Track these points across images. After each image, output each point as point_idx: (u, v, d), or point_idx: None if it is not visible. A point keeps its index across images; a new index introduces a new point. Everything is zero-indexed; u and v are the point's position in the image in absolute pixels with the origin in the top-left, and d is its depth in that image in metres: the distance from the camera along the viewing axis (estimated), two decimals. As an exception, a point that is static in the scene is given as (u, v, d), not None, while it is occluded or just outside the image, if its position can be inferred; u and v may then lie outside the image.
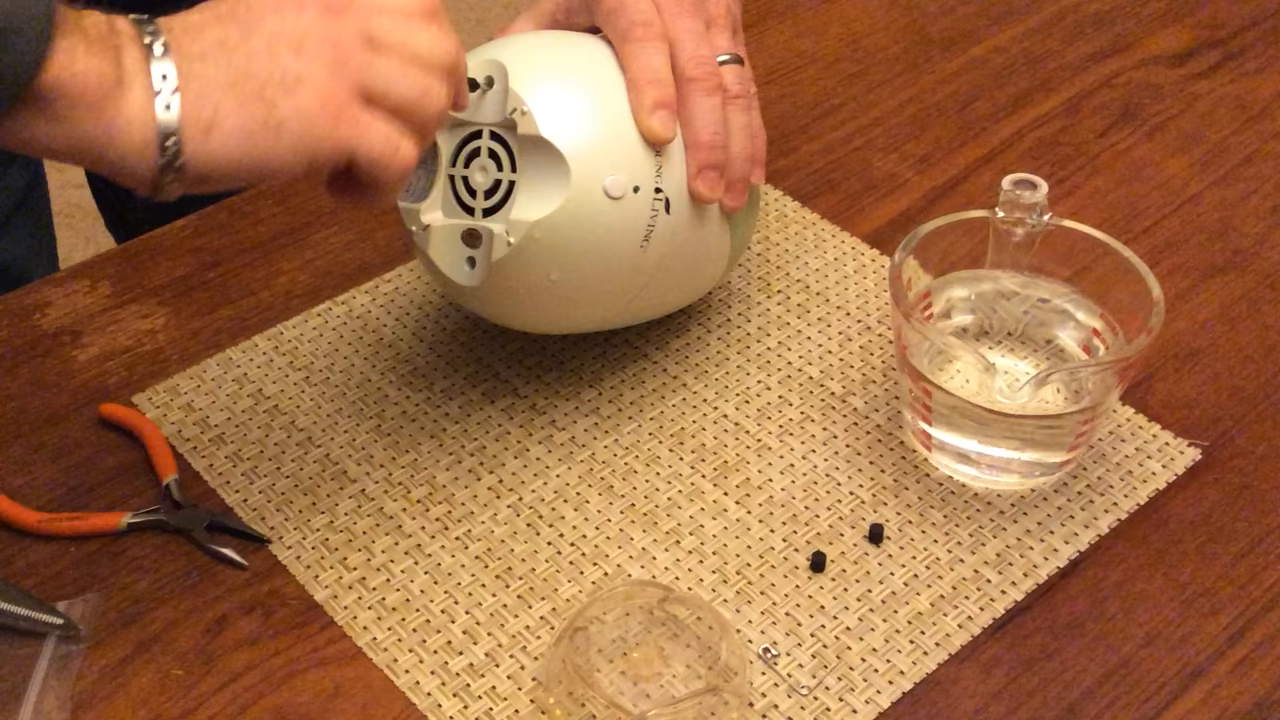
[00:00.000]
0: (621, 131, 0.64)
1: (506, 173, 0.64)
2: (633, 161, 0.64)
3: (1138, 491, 0.68)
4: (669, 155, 0.65)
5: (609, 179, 0.63)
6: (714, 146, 0.66)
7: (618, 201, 0.64)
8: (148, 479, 0.69)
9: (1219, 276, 0.80)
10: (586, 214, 0.63)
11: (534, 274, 0.64)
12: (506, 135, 0.64)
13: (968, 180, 0.87)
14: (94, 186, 1.10)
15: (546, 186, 0.63)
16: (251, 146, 0.54)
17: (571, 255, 0.64)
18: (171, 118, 0.53)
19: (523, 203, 0.63)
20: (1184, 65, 0.96)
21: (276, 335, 0.76)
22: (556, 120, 0.63)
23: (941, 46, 0.98)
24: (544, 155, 0.63)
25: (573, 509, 0.67)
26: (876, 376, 0.74)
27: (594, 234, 0.64)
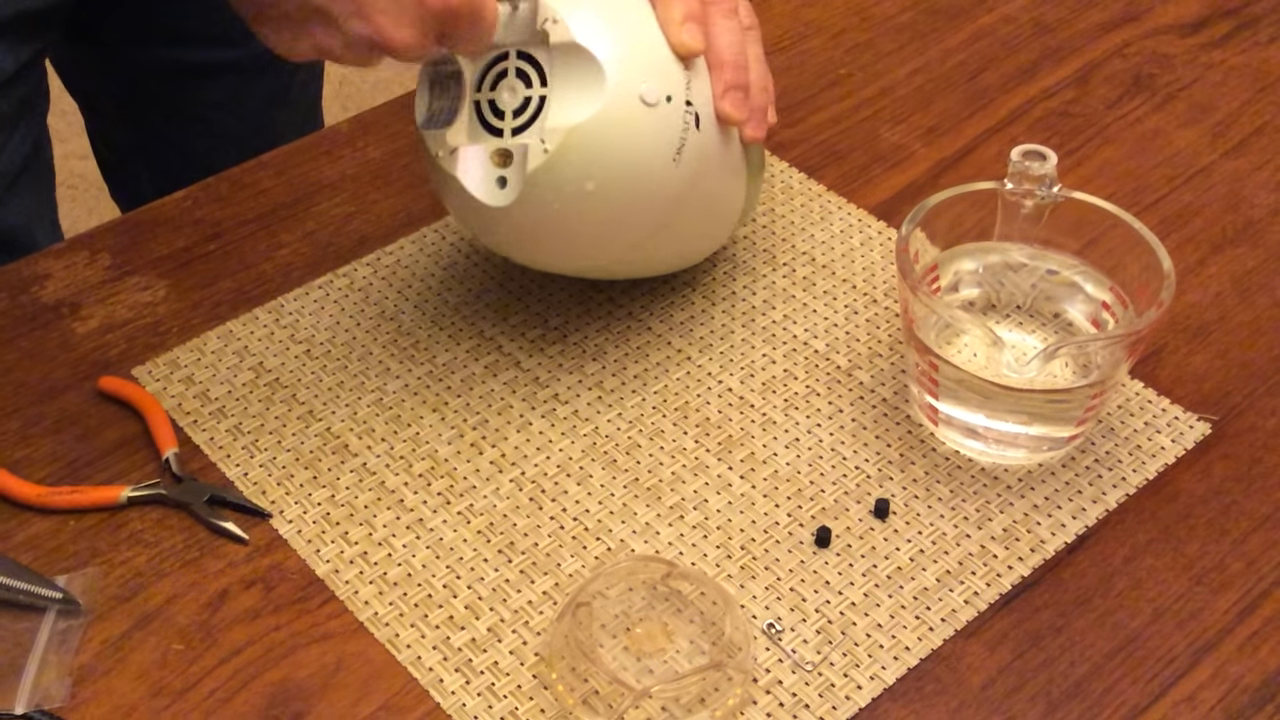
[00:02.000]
0: (652, 42, 0.64)
1: (536, 89, 0.63)
2: (665, 72, 0.64)
3: (1146, 466, 0.67)
4: (696, 72, 0.66)
5: (644, 85, 0.63)
6: (738, 66, 0.67)
7: (652, 109, 0.63)
8: (148, 452, 0.68)
9: (1230, 249, 0.79)
10: (623, 120, 0.63)
11: (570, 185, 0.63)
12: (535, 51, 0.64)
13: (976, 151, 0.86)
14: (99, 156, 1.09)
15: (582, 94, 0.62)
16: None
17: (608, 163, 0.63)
18: None
19: (557, 113, 0.62)
20: (1196, 35, 0.95)
21: (277, 308, 0.76)
22: (589, 27, 0.63)
23: (949, 16, 0.97)
24: (578, 63, 0.62)
25: (576, 483, 0.66)
26: (883, 350, 0.73)
27: (630, 141, 0.63)
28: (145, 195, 0.87)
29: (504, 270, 0.78)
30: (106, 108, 1.02)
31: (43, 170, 0.94)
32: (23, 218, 0.91)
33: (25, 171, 0.90)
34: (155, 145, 1.03)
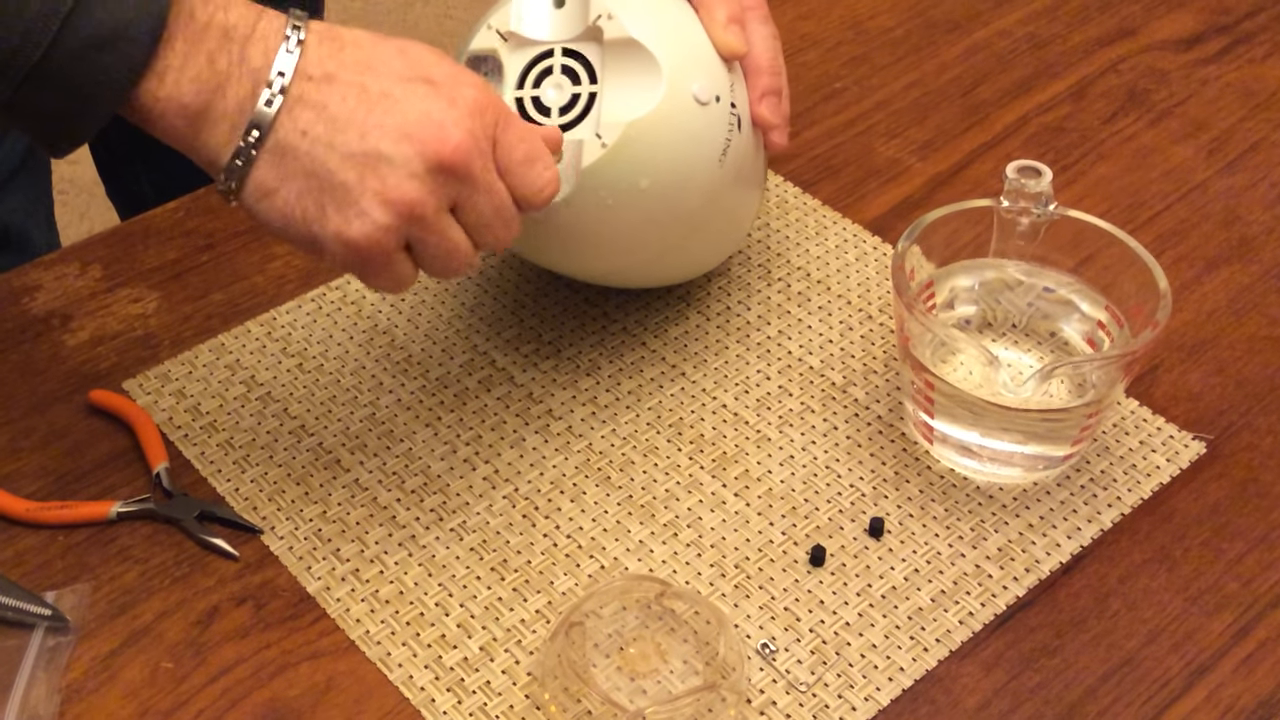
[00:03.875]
0: (699, 42, 0.65)
1: (585, 86, 0.63)
2: (713, 72, 0.65)
3: (1142, 486, 0.67)
4: (736, 76, 0.66)
5: (696, 84, 0.63)
6: (775, 72, 0.68)
7: (704, 108, 0.63)
8: (138, 467, 0.68)
9: (1225, 266, 0.79)
10: (678, 118, 0.63)
11: (624, 181, 0.63)
12: (584, 48, 0.63)
13: (971, 166, 0.86)
14: (97, 157, 1.09)
15: (637, 90, 0.62)
16: (287, 227, 0.56)
17: (662, 160, 0.63)
18: (240, 168, 0.55)
19: (611, 109, 0.62)
20: (1191, 51, 0.95)
21: (269, 321, 0.75)
22: (643, 24, 0.63)
23: (945, 30, 0.97)
24: (633, 59, 0.62)
25: (569, 500, 0.66)
26: (878, 367, 0.73)
27: (683, 140, 0.63)
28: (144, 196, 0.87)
29: (498, 285, 0.77)
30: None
31: (39, 168, 0.94)
32: (19, 215, 0.91)
33: (21, 169, 0.90)
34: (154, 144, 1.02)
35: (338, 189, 0.55)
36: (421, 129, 0.55)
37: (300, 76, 0.54)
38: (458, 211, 0.57)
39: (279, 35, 0.54)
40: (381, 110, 0.55)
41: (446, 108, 0.55)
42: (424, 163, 0.55)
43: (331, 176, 0.54)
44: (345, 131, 0.54)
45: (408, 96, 0.55)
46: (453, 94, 0.56)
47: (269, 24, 0.55)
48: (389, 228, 0.55)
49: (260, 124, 0.54)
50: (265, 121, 0.54)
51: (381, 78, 0.55)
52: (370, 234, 0.55)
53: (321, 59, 0.55)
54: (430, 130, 0.55)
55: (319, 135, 0.54)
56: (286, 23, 0.55)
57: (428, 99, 0.55)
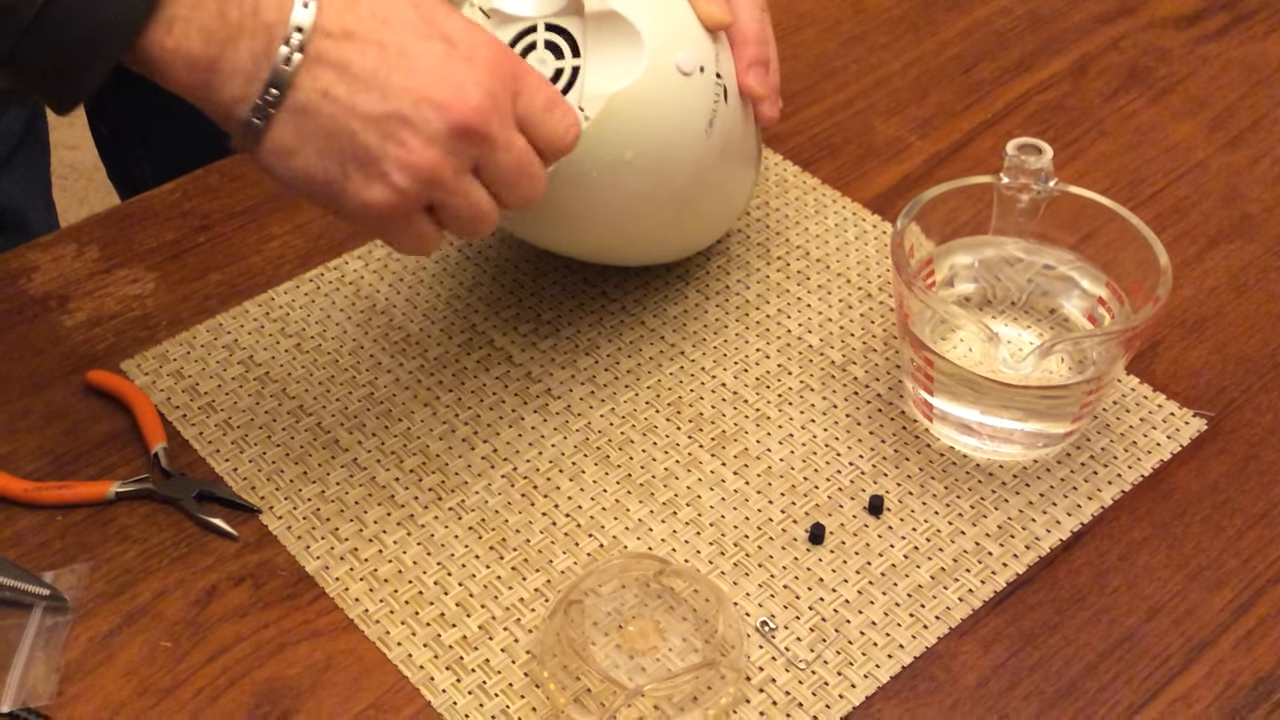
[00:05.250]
0: (682, 13, 0.65)
1: (568, 60, 0.63)
2: (697, 42, 0.64)
3: (1142, 463, 0.67)
4: (722, 46, 0.66)
5: (679, 55, 0.63)
6: (761, 42, 0.68)
7: (687, 79, 0.63)
8: (136, 447, 0.68)
9: (1226, 243, 0.79)
10: (661, 88, 0.63)
11: (608, 153, 0.62)
12: (566, 23, 0.63)
13: (971, 145, 0.85)
14: (97, 135, 1.08)
15: (620, 62, 0.62)
16: (311, 187, 0.56)
17: (647, 131, 0.63)
18: (259, 126, 0.54)
19: (594, 81, 0.62)
20: (1192, 28, 0.94)
21: (267, 301, 0.75)
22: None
23: (945, 7, 0.96)
24: (615, 31, 0.62)
25: (568, 479, 0.66)
26: (877, 345, 0.72)
27: (668, 110, 0.63)
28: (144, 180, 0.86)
29: (497, 264, 0.77)
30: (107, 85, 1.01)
31: (38, 148, 0.93)
32: (16, 196, 0.90)
33: (19, 149, 0.89)
34: (155, 123, 1.02)
35: (359, 151, 0.54)
36: (441, 90, 0.54)
37: (319, 33, 0.53)
38: (480, 171, 0.57)
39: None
40: (402, 70, 0.54)
41: (465, 67, 0.55)
42: (445, 125, 0.54)
43: (354, 138, 0.54)
44: (367, 92, 0.54)
45: (426, 55, 0.55)
46: (470, 52, 0.55)
47: None
48: (409, 192, 0.55)
49: (279, 82, 0.53)
50: (284, 80, 0.53)
51: (398, 32, 0.55)
52: (391, 198, 0.55)
53: (339, 13, 0.54)
54: (450, 92, 0.54)
55: (340, 96, 0.54)
56: None
57: (446, 58, 0.55)
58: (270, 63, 0.53)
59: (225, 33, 0.53)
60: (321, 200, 0.56)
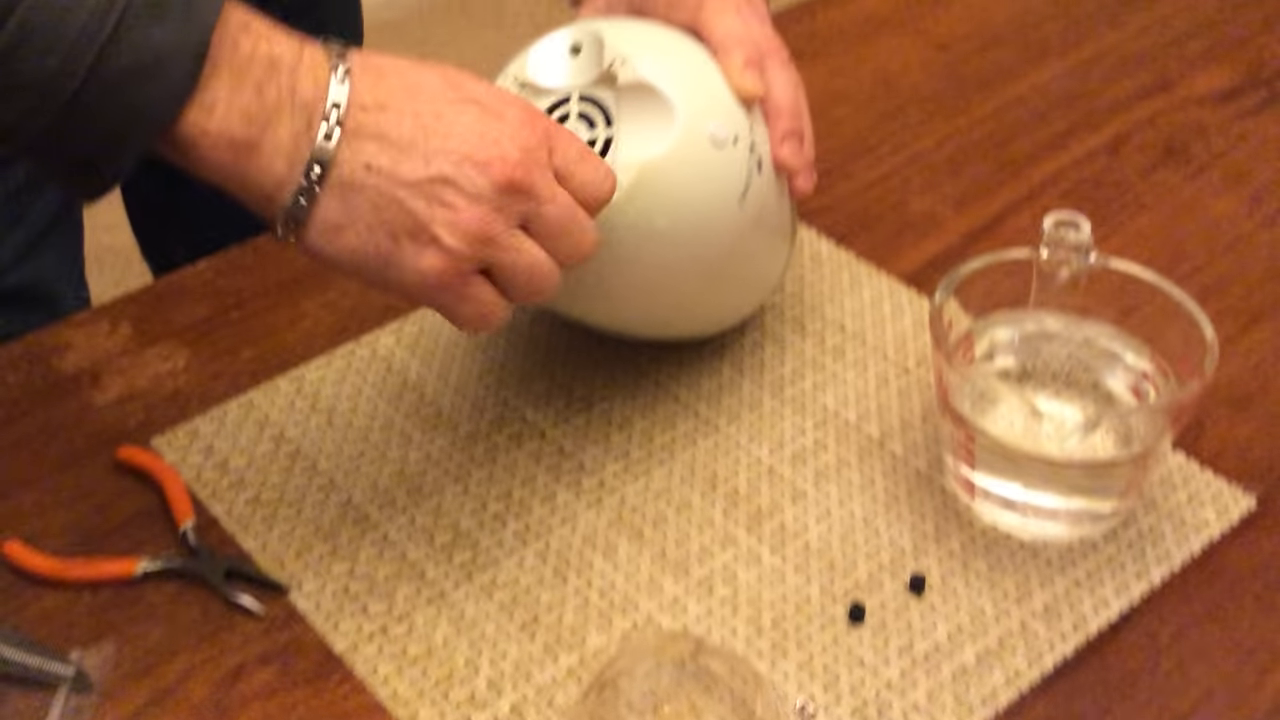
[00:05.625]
0: (716, 84, 0.65)
1: (601, 130, 0.63)
2: (730, 113, 0.64)
3: (1191, 541, 0.65)
4: (755, 118, 0.66)
5: (713, 125, 0.63)
6: (795, 114, 0.68)
7: (720, 149, 0.63)
8: (164, 524, 0.67)
9: (1271, 319, 0.77)
10: (694, 158, 0.62)
11: (641, 222, 0.62)
12: (598, 93, 0.63)
13: (1008, 220, 0.84)
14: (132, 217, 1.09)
15: (652, 132, 0.62)
16: (362, 263, 0.55)
17: (679, 200, 0.62)
18: (304, 207, 0.54)
19: (627, 151, 0.62)
20: (1229, 104, 0.94)
21: (299, 377, 0.74)
22: (657, 67, 0.62)
23: (978, 85, 0.96)
24: (647, 102, 0.62)
25: (601, 556, 0.65)
26: (916, 421, 0.71)
27: (701, 180, 0.63)
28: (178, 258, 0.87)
29: (529, 339, 0.77)
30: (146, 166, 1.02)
31: (71, 228, 0.94)
32: (50, 275, 0.91)
33: (54, 229, 0.90)
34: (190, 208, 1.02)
35: (408, 219, 0.54)
36: (480, 149, 0.54)
37: (355, 107, 0.53)
38: (529, 228, 0.56)
39: (325, 66, 0.54)
40: (440, 134, 0.54)
41: (499, 125, 0.55)
42: (489, 182, 0.54)
43: (400, 206, 0.54)
44: (409, 159, 0.54)
45: (460, 117, 0.55)
46: (500, 111, 0.56)
47: (313, 55, 0.54)
48: (462, 253, 0.55)
49: (322, 159, 0.53)
50: (327, 156, 0.53)
51: (430, 101, 0.55)
52: (445, 261, 0.54)
53: (371, 87, 0.54)
54: (489, 150, 0.54)
55: (383, 166, 0.54)
56: (329, 54, 0.54)
57: (480, 119, 0.55)
58: (311, 140, 0.53)
59: (265, 114, 0.53)
60: (374, 275, 0.56)
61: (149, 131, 0.51)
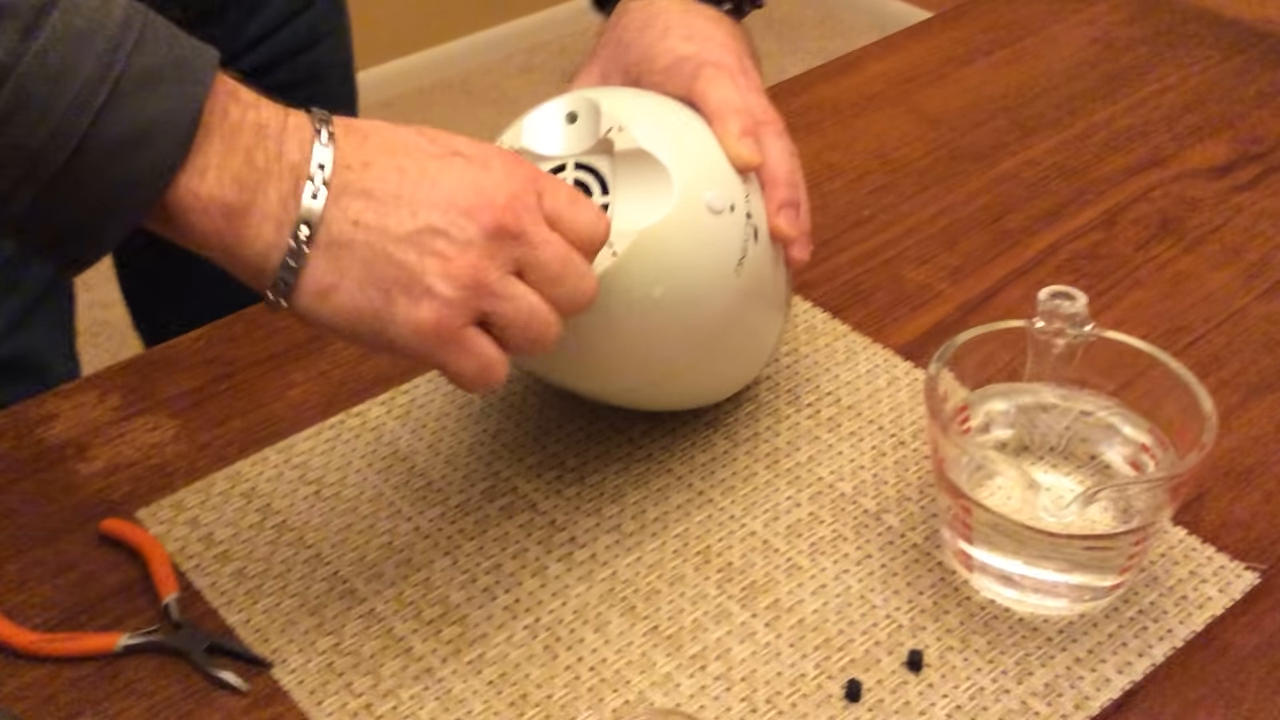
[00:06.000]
0: (712, 152, 0.65)
1: (597, 197, 0.63)
2: (727, 181, 0.64)
3: (1193, 618, 0.64)
4: (752, 187, 0.66)
5: (709, 193, 0.62)
6: (791, 184, 0.67)
7: (717, 217, 0.63)
8: (148, 598, 0.66)
9: (1270, 392, 0.77)
10: (690, 226, 0.62)
11: (637, 290, 0.61)
12: (595, 161, 0.63)
13: (1003, 292, 0.84)
14: (126, 290, 1.09)
15: (649, 199, 0.62)
16: (356, 322, 0.54)
17: (676, 268, 0.62)
18: (293, 269, 0.53)
19: (623, 218, 0.61)
20: (1223, 178, 0.94)
21: (288, 448, 0.74)
22: (653, 135, 0.62)
23: (972, 159, 0.96)
24: (644, 169, 0.62)
25: (593, 630, 0.63)
26: (912, 494, 0.70)
27: (697, 248, 0.62)
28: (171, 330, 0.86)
29: (521, 410, 0.76)
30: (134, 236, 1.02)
31: (63, 299, 0.93)
32: (40, 344, 0.90)
33: (45, 299, 0.89)
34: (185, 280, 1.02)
35: (399, 272, 0.53)
36: (467, 197, 0.54)
37: (340, 166, 0.53)
38: (525, 275, 0.56)
39: (309, 130, 0.54)
40: (426, 186, 0.54)
41: (483, 173, 0.55)
42: (478, 228, 0.54)
43: (391, 259, 0.53)
44: (396, 212, 0.53)
45: (445, 170, 0.55)
46: (484, 160, 0.56)
47: (297, 120, 0.54)
48: (456, 302, 0.54)
49: (309, 219, 0.53)
50: (314, 216, 0.53)
51: (414, 156, 0.55)
52: (440, 312, 0.54)
53: (355, 147, 0.54)
54: (475, 197, 0.54)
55: (370, 221, 0.53)
56: (312, 119, 0.55)
57: (465, 169, 0.55)
58: (298, 202, 0.53)
59: (255, 178, 0.52)
60: (369, 335, 0.55)
61: (141, 199, 0.51)
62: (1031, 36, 1.11)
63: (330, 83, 1.05)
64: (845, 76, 1.07)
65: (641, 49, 0.69)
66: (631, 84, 0.70)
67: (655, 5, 0.72)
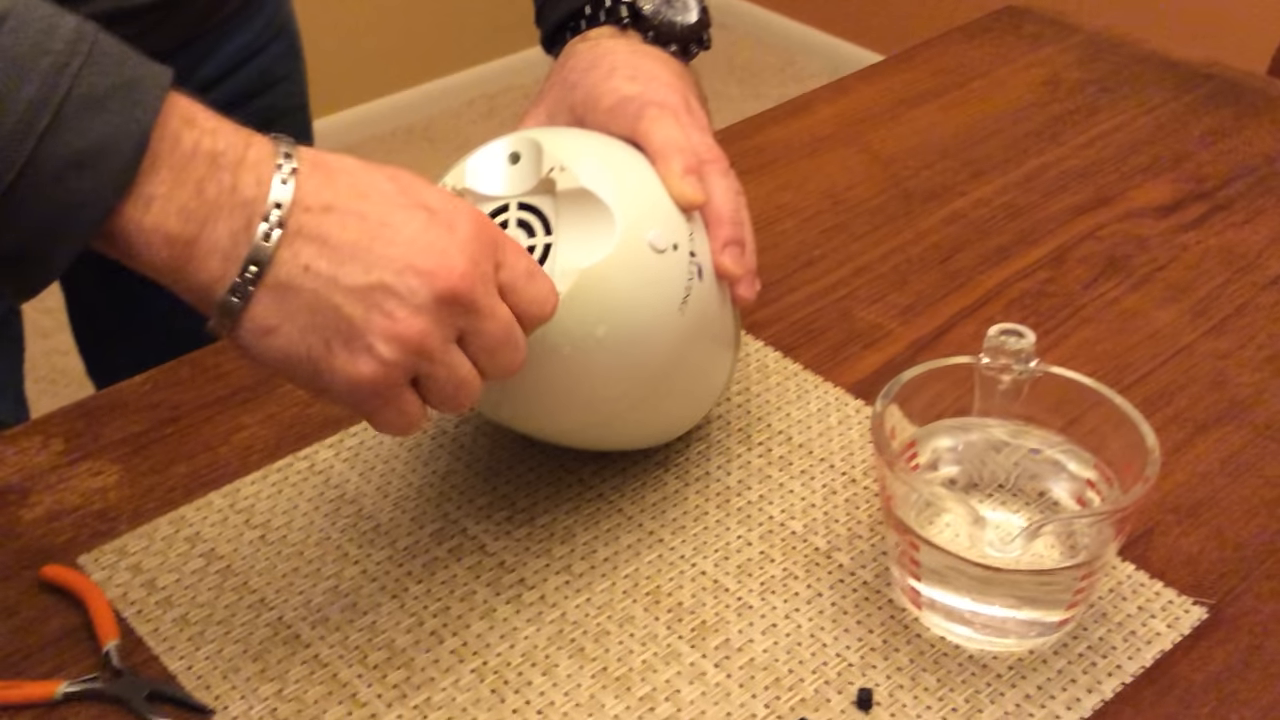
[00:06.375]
0: (654, 192, 0.65)
1: (540, 237, 0.62)
2: (670, 220, 0.64)
3: (1142, 653, 0.64)
4: (696, 226, 0.66)
5: (652, 232, 0.62)
6: (736, 223, 0.67)
7: (660, 256, 0.63)
8: (88, 645, 0.64)
9: (1216, 428, 0.77)
10: (633, 265, 0.62)
11: (580, 329, 0.61)
12: (537, 201, 0.63)
13: (953, 331, 0.84)
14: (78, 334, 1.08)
15: (591, 239, 0.61)
16: (292, 366, 0.54)
17: (619, 307, 0.62)
18: (237, 304, 0.53)
19: (565, 257, 0.61)
20: (1169, 217, 0.95)
21: (233, 492, 0.73)
22: (596, 174, 0.62)
23: (922, 200, 0.97)
24: (586, 208, 0.62)
25: (541, 673, 0.63)
26: (863, 531, 0.70)
27: (640, 287, 0.62)
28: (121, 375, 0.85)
29: (471, 451, 0.75)
30: (85, 277, 1.01)
31: (11, 345, 0.92)
32: None
33: None
34: (135, 318, 1.01)
35: (344, 325, 0.53)
36: (426, 259, 0.53)
37: (298, 208, 0.52)
38: (464, 341, 0.55)
39: (270, 163, 0.53)
40: (384, 240, 0.53)
41: (448, 235, 0.54)
42: (431, 294, 0.53)
43: (337, 311, 0.53)
44: (350, 263, 0.53)
45: (407, 224, 0.54)
46: (451, 220, 0.55)
47: (258, 151, 0.53)
48: (397, 364, 0.53)
49: (259, 259, 0.52)
50: (264, 257, 0.52)
51: (378, 204, 0.54)
52: (378, 371, 0.53)
53: (317, 188, 0.53)
54: (435, 260, 0.53)
55: (322, 270, 0.53)
56: (276, 150, 0.53)
57: (428, 227, 0.54)
58: (249, 239, 0.52)
59: (204, 211, 0.52)
60: (304, 379, 0.55)
61: (84, 226, 0.50)
62: (981, 79, 1.13)
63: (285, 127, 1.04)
64: (797, 118, 1.07)
65: (587, 89, 0.70)
66: (577, 124, 0.70)
67: (602, 46, 0.72)
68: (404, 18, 2.77)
